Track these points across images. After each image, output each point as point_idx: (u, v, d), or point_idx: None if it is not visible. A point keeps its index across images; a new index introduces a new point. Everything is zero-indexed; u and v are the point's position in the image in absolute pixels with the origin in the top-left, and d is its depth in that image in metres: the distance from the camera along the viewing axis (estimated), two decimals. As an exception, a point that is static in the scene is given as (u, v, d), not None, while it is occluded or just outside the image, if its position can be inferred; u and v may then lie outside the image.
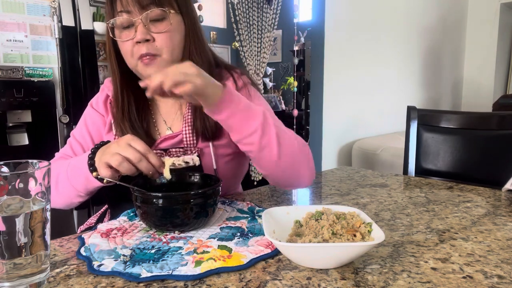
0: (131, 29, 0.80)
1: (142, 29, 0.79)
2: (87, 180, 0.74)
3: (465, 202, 0.87)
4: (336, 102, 2.64)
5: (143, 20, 0.79)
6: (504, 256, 0.58)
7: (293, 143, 0.76)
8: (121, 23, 0.81)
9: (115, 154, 0.67)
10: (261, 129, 0.71)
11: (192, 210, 0.64)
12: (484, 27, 3.95)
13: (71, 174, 0.79)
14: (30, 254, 0.48)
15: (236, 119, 0.70)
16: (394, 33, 3.07)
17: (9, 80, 1.66)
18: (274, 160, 0.74)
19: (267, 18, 2.54)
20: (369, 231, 0.57)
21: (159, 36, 0.80)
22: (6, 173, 0.49)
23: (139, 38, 0.79)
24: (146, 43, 0.79)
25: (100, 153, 0.72)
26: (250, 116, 0.71)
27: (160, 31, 0.80)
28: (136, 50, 0.80)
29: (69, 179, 0.79)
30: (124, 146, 0.68)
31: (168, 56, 0.81)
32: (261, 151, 0.73)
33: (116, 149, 0.68)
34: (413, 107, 1.50)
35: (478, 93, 4.05)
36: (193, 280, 0.51)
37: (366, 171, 1.21)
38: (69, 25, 1.80)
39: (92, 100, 0.96)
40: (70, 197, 0.81)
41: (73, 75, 1.83)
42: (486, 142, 1.35)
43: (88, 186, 0.76)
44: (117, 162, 0.67)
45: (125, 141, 0.68)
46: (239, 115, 0.70)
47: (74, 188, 0.78)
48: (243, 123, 0.71)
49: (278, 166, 0.75)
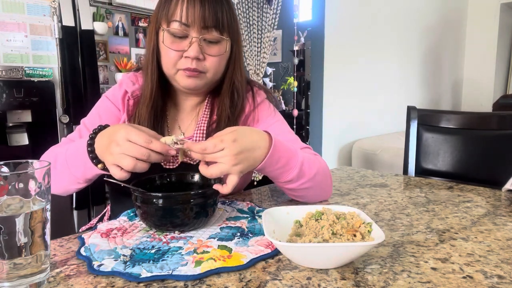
0: (183, 41, 0.80)
1: (197, 47, 0.79)
2: (86, 167, 0.73)
3: (465, 202, 0.87)
4: (336, 102, 2.64)
5: (200, 39, 0.80)
6: (504, 256, 0.58)
7: (320, 175, 0.81)
8: (174, 32, 0.80)
9: (124, 157, 0.64)
10: (296, 179, 0.77)
11: (192, 210, 0.64)
12: (484, 27, 3.95)
13: (70, 161, 0.77)
14: (30, 254, 0.48)
15: (274, 173, 0.76)
16: (394, 33, 3.07)
17: (9, 80, 1.66)
18: (303, 193, 0.82)
19: (267, 18, 2.54)
20: (369, 231, 0.57)
21: (210, 58, 0.82)
22: (6, 173, 0.49)
23: (193, 56, 0.79)
24: (196, 60, 0.80)
25: (101, 145, 0.69)
26: (287, 170, 0.75)
27: (213, 54, 0.82)
28: (183, 62, 0.81)
29: (68, 166, 0.76)
30: (127, 145, 0.64)
31: (212, 75, 0.84)
32: (292, 191, 0.81)
33: (120, 150, 0.64)
34: (413, 107, 1.50)
35: (478, 93, 4.05)
36: (193, 280, 0.51)
37: (366, 171, 1.21)
38: (69, 25, 1.80)
39: (108, 93, 0.93)
40: (69, 183, 0.79)
41: (73, 75, 1.83)
42: (486, 142, 1.35)
43: (86, 173, 0.75)
44: (131, 166, 0.64)
45: (123, 137, 0.65)
46: (275, 172, 0.75)
47: (73, 175, 0.76)
48: (279, 175, 0.76)
49: (304, 197, 0.83)
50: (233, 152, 0.65)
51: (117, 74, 2.29)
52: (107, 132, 0.70)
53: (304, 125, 3.13)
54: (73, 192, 0.84)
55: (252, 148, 0.68)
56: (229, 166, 0.65)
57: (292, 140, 0.88)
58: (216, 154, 0.65)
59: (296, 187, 0.79)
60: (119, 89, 0.92)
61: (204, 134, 0.87)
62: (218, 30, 0.81)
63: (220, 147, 0.65)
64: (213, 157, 0.66)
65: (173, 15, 0.79)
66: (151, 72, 0.85)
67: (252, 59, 2.55)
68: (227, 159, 0.65)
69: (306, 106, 3.45)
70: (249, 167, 0.68)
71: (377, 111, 2.98)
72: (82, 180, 0.77)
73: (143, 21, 2.40)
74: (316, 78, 2.58)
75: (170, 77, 0.85)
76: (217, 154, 0.65)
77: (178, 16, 0.79)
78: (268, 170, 0.74)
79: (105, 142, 0.68)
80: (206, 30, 0.80)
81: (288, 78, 4.87)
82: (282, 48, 5.12)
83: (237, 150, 0.65)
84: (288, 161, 0.74)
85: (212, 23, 0.80)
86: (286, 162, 0.74)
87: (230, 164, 0.65)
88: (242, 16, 2.45)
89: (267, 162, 0.70)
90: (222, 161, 0.65)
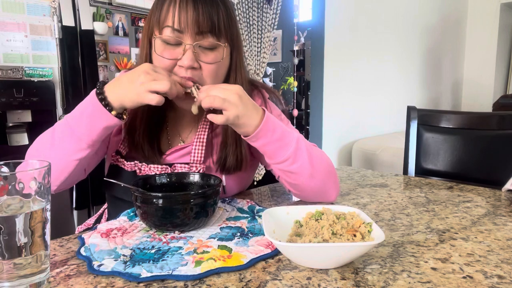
0: (177, 49, 0.75)
1: (191, 55, 0.74)
2: (93, 120, 0.71)
3: (465, 202, 0.87)
4: (336, 102, 2.64)
5: (194, 46, 0.74)
6: (504, 256, 0.58)
7: (323, 166, 0.80)
8: (166, 40, 0.75)
9: (157, 82, 0.68)
10: (293, 157, 0.75)
11: (192, 210, 0.64)
12: (484, 27, 3.95)
13: (73, 123, 0.73)
14: (30, 254, 0.48)
15: (270, 148, 0.75)
16: (394, 33, 3.07)
17: (9, 80, 1.66)
18: (303, 184, 0.79)
19: (267, 18, 2.54)
20: (369, 231, 0.57)
21: (207, 66, 0.76)
22: (6, 173, 0.49)
23: (186, 65, 0.74)
24: (191, 69, 0.75)
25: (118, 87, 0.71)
26: (284, 145, 0.75)
27: (210, 61, 0.76)
28: (177, 72, 0.76)
29: (70, 128, 0.72)
30: (156, 73, 0.69)
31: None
32: (291, 175, 0.78)
33: (150, 77, 0.68)
34: (413, 107, 1.50)
35: (478, 93, 4.05)
36: (193, 280, 0.51)
37: (366, 171, 1.21)
38: (69, 25, 1.80)
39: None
40: (69, 153, 0.73)
41: (73, 75, 1.83)
42: (486, 142, 1.35)
43: (93, 129, 0.71)
44: (167, 86, 0.68)
45: (150, 68, 0.70)
46: (273, 144, 0.74)
47: (76, 138, 0.72)
48: (276, 151, 0.75)
49: (306, 189, 0.80)
50: (237, 92, 0.70)
51: (117, 74, 2.29)
52: (124, 76, 0.71)
53: (304, 125, 3.13)
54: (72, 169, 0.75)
55: (251, 106, 0.72)
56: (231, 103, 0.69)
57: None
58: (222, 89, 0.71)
59: (295, 169, 0.76)
60: None
61: (204, 144, 0.83)
62: (214, 35, 0.75)
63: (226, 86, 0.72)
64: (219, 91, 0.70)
65: (165, 21, 0.74)
66: None
67: (252, 59, 2.55)
68: (231, 96, 0.69)
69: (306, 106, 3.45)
70: (245, 117, 0.71)
71: (377, 111, 2.98)
72: (85, 142, 0.72)
73: (143, 21, 2.39)
74: (316, 78, 2.58)
75: None
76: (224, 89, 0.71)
77: (170, 22, 0.74)
78: (266, 141, 0.74)
79: (127, 82, 0.70)
80: (200, 36, 0.74)
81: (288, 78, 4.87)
82: (282, 48, 5.12)
83: (241, 94, 0.71)
84: (283, 134, 0.75)
85: (207, 28, 0.74)
86: (282, 134, 0.74)
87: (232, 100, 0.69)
88: (242, 16, 2.45)
89: (264, 127, 0.72)
90: (225, 95, 0.69)
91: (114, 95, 0.71)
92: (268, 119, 0.73)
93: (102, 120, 0.71)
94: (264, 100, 0.91)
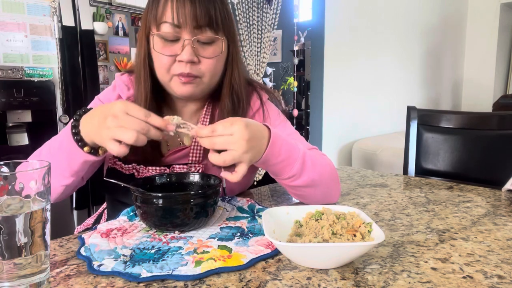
0: (176, 44, 0.75)
1: (190, 50, 0.74)
2: (71, 154, 0.69)
3: (465, 202, 0.87)
4: (336, 102, 2.64)
5: (193, 41, 0.74)
6: (504, 256, 0.58)
7: (327, 173, 0.79)
8: (164, 36, 0.74)
9: (124, 130, 0.60)
10: (299, 173, 0.74)
11: (192, 210, 0.64)
12: (484, 27, 3.95)
13: (53, 152, 0.72)
14: (30, 254, 0.48)
15: (276, 168, 0.73)
16: (394, 33, 3.07)
17: (9, 80, 1.66)
18: (308, 194, 0.79)
19: (267, 18, 2.54)
20: (369, 231, 0.57)
21: (206, 60, 0.76)
22: (6, 173, 0.49)
23: (186, 59, 0.74)
24: (190, 63, 0.75)
25: (91, 124, 0.65)
26: (290, 163, 0.72)
27: (209, 56, 0.76)
28: (176, 67, 0.76)
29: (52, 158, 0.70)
30: (126, 118, 0.61)
31: (209, 80, 0.79)
32: (296, 188, 0.77)
33: (118, 123, 0.61)
34: (413, 107, 1.50)
35: (478, 93, 4.05)
36: (193, 280, 0.51)
37: (366, 171, 1.21)
38: (69, 25, 1.80)
39: (101, 96, 0.89)
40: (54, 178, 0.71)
41: (73, 75, 1.83)
42: (486, 142, 1.35)
43: (72, 163, 0.70)
44: (133, 139, 0.60)
45: (122, 110, 0.61)
46: (279, 165, 0.72)
47: (58, 168, 0.71)
48: (282, 170, 0.73)
49: (311, 197, 0.80)
50: (245, 137, 0.62)
51: (117, 74, 2.29)
52: (98, 109, 0.66)
53: (304, 125, 3.13)
54: (61, 192, 0.76)
55: (259, 137, 0.66)
56: (241, 153, 0.62)
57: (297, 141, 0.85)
58: (227, 139, 0.62)
59: (300, 184, 0.75)
60: (113, 91, 0.88)
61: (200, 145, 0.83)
62: (213, 29, 0.75)
63: (230, 130, 0.62)
64: (223, 143, 0.63)
65: (162, 17, 0.74)
66: (144, 80, 0.80)
67: (252, 59, 2.55)
68: (239, 145, 0.62)
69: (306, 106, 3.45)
70: (256, 157, 0.66)
71: (377, 111, 2.98)
72: (68, 172, 0.71)
73: (143, 21, 2.39)
74: (316, 78, 2.58)
75: (165, 84, 0.80)
76: (228, 139, 0.62)
77: (168, 17, 0.73)
78: (271, 163, 0.71)
79: (98, 119, 0.64)
80: (199, 30, 0.74)
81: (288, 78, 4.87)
82: (282, 48, 5.12)
83: (248, 136, 0.62)
84: (289, 153, 0.72)
85: (205, 22, 0.74)
86: (287, 154, 0.72)
87: (242, 150, 0.62)
88: (242, 16, 2.45)
89: (269, 153, 0.68)
90: (233, 148, 0.62)
91: (85, 131, 0.67)
92: (274, 143, 0.69)
93: (78, 156, 0.68)
94: (262, 101, 0.90)
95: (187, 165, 0.82)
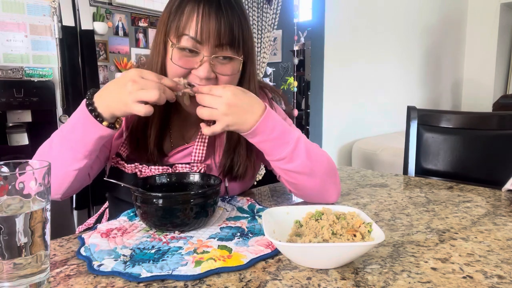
0: (194, 57, 0.74)
1: (208, 67, 0.73)
2: (87, 132, 0.70)
3: (465, 202, 0.87)
4: (336, 102, 2.64)
5: (212, 57, 0.74)
6: (504, 256, 0.58)
7: (323, 166, 0.78)
8: (183, 47, 0.74)
9: (145, 91, 0.65)
10: (290, 156, 0.74)
11: (192, 210, 0.64)
12: (484, 27, 3.95)
13: (67, 135, 0.72)
14: (30, 254, 0.48)
15: (267, 145, 0.74)
16: (394, 33, 3.07)
17: (9, 80, 1.66)
18: (302, 183, 0.78)
19: (267, 18, 2.54)
20: (369, 231, 0.57)
21: (222, 77, 0.76)
22: (6, 173, 0.49)
23: (203, 76, 0.73)
24: (205, 80, 0.75)
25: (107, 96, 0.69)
26: (282, 143, 0.74)
27: (226, 73, 0.76)
28: (192, 80, 0.75)
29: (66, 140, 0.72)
30: (144, 81, 0.66)
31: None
32: (289, 174, 0.77)
33: (138, 86, 0.65)
34: (413, 107, 1.50)
35: (478, 93, 4.05)
36: (193, 280, 0.51)
37: (366, 171, 1.21)
38: (69, 25, 1.80)
39: None
40: (67, 163, 0.72)
41: (73, 75, 1.83)
42: (486, 142, 1.35)
43: (87, 141, 0.70)
44: (156, 96, 0.65)
45: (138, 75, 0.66)
46: (270, 142, 0.73)
47: (72, 150, 0.71)
48: (273, 149, 0.74)
49: (305, 189, 0.80)
50: (229, 102, 0.68)
51: (117, 74, 2.29)
52: (112, 83, 0.70)
53: (304, 125, 3.13)
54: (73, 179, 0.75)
55: (246, 109, 0.70)
56: (220, 113, 0.68)
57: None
58: (214, 98, 0.69)
59: (292, 168, 0.75)
60: None
61: (205, 143, 0.83)
62: (233, 49, 0.75)
63: (220, 92, 0.69)
64: (210, 101, 0.69)
65: (185, 29, 0.72)
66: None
67: (252, 59, 2.56)
68: (220, 107, 0.68)
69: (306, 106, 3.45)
70: (237, 124, 0.70)
71: (377, 111, 2.98)
72: (81, 153, 0.71)
73: (143, 21, 2.40)
74: (316, 78, 2.58)
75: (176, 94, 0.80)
76: (214, 99, 0.69)
77: (192, 32, 0.72)
78: (262, 139, 0.72)
79: (115, 89, 0.68)
80: (219, 48, 0.73)
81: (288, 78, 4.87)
82: (282, 48, 5.12)
83: (232, 102, 0.69)
84: (283, 134, 0.73)
85: (227, 41, 0.73)
86: (280, 134, 0.73)
87: (221, 111, 0.68)
88: (242, 16, 2.45)
89: (260, 127, 0.71)
90: (215, 106, 0.69)
91: (103, 105, 0.69)
92: (267, 118, 0.71)
93: (94, 131, 0.70)
94: (269, 100, 0.91)
95: (190, 164, 0.83)
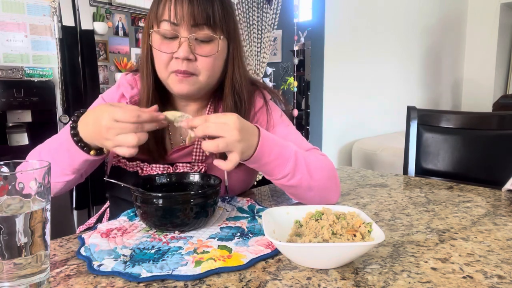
0: (173, 42, 0.76)
1: (186, 47, 0.75)
2: (72, 155, 0.71)
3: (465, 202, 0.87)
4: (336, 102, 2.64)
5: (190, 38, 0.75)
6: (504, 256, 0.58)
7: (323, 174, 0.78)
8: (163, 33, 0.76)
9: (123, 136, 0.63)
10: (292, 173, 0.74)
11: (192, 210, 0.64)
12: (484, 27, 3.95)
13: (53, 153, 0.74)
14: (30, 254, 0.48)
15: (268, 167, 0.73)
16: (394, 33, 3.07)
17: (9, 80, 1.66)
18: (303, 195, 0.79)
19: (267, 18, 2.54)
20: (369, 231, 0.57)
21: (202, 58, 0.77)
22: (6, 173, 0.49)
23: (182, 56, 0.75)
24: (186, 60, 0.76)
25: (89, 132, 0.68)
26: (281, 163, 0.73)
27: (205, 54, 0.77)
28: (174, 64, 0.77)
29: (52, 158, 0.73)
30: (118, 125, 0.64)
31: (205, 78, 0.79)
32: (290, 188, 0.77)
33: (115, 131, 0.64)
34: (413, 107, 1.50)
35: (478, 93, 4.05)
36: (193, 280, 0.51)
37: (366, 171, 1.21)
38: (69, 25, 1.80)
39: (105, 95, 0.90)
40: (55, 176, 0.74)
41: (73, 75, 1.83)
42: (486, 142, 1.35)
43: (73, 162, 0.72)
44: (135, 141, 0.63)
45: (111, 119, 0.64)
46: (270, 164, 0.72)
47: (59, 167, 0.74)
48: (274, 170, 0.73)
49: (306, 198, 0.80)
50: (237, 127, 0.64)
51: (117, 74, 2.29)
52: (90, 119, 0.68)
53: (304, 125, 3.13)
54: (61, 187, 0.78)
55: (250, 132, 0.68)
56: (234, 140, 0.64)
57: (298, 142, 0.85)
58: (220, 125, 0.64)
59: (294, 183, 0.75)
60: (117, 91, 0.88)
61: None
62: (210, 28, 0.76)
63: (223, 120, 0.65)
64: (216, 129, 0.64)
65: (162, 15, 0.76)
66: (147, 76, 0.82)
67: (252, 59, 2.55)
68: (232, 133, 0.63)
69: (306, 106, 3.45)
70: (247, 150, 0.67)
71: (377, 111, 2.98)
72: (69, 170, 0.74)
73: (143, 21, 2.39)
74: (316, 78, 2.58)
75: (164, 81, 0.81)
76: (222, 126, 0.64)
77: (167, 15, 0.75)
78: (263, 162, 0.71)
79: (93, 130, 0.67)
80: (196, 28, 0.75)
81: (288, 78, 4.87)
82: (282, 48, 5.12)
83: (240, 126, 0.64)
84: (281, 152, 0.72)
85: (202, 20, 0.75)
86: (279, 153, 0.72)
87: (234, 138, 0.64)
88: (242, 16, 2.45)
89: (260, 151, 0.69)
90: (227, 135, 0.64)
91: (87, 136, 0.69)
92: (263, 142, 0.70)
93: (79, 156, 0.71)
94: (266, 101, 0.90)
95: (190, 163, 0.83)
